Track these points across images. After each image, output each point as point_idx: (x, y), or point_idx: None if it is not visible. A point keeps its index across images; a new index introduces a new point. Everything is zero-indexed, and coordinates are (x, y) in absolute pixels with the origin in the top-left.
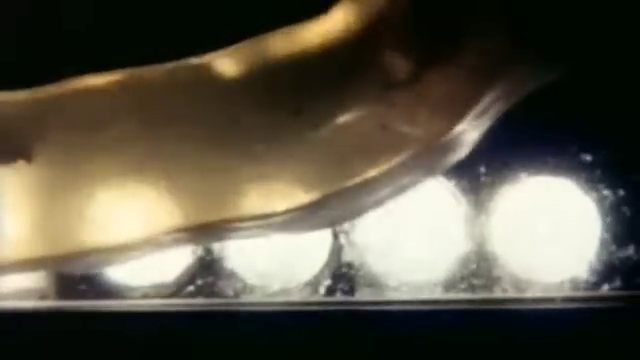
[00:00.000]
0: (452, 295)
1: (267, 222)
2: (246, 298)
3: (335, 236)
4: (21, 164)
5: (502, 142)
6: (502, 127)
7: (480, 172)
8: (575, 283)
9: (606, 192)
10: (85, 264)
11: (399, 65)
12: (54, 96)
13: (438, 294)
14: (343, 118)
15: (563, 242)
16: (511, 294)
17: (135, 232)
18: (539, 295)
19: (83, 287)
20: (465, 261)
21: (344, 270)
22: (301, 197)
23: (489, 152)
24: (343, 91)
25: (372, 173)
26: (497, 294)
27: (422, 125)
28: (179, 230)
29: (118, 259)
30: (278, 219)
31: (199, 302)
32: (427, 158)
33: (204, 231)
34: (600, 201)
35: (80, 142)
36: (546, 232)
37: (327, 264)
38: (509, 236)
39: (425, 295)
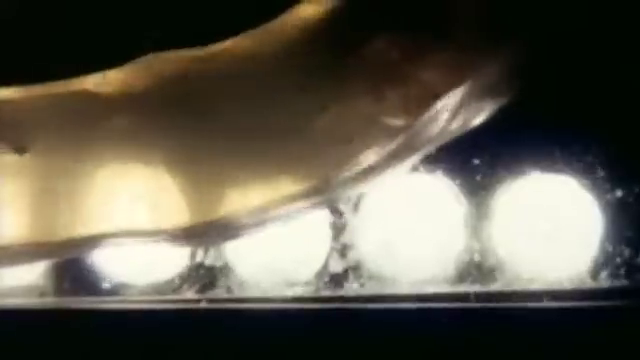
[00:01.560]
0: (447, 288)
1: (265, 216)
2: (245, 296)
3: (335, 235)
4: (16, 156)
5: (503, 140)
6: (503, 125)
7: (481, 170)
8: (576, 281)
9: (608, 190)
10: (79, 253)
11: (386, 54)
12: (50, 93)
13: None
14: (335, 109)
15: (564, 240)
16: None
17: (130, 225)
18: (539, 289)
19: (82, 285)
20: (466, 260)
21: (343, 269)
22: (295, 188)
23: (490, 150)
24: (334, 80)
25: (360, 163)
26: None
27: (407, 114)
28: (176, 227)
29: (108, 248)
30: (274, 212)
31: (197, 299)
32: (410, 145)
33: (202, 228)
34: (602, 199)
35: (75, 136)
36: (547, 230)
37: (327, 263)
38: (510, 234)
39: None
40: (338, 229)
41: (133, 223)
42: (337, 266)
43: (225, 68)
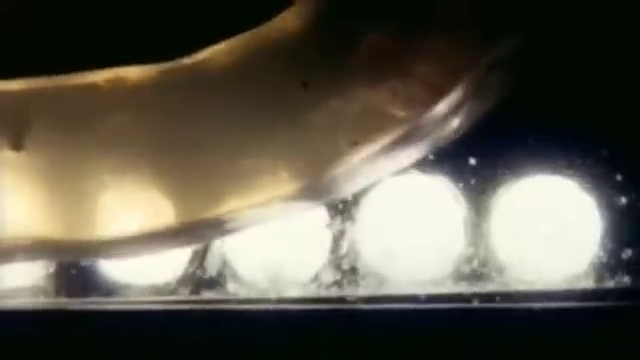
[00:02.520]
0: (447, 289)
1: (263, 213)
2: (244, 297)
3: (334, 236)
4: (16, 152)
5: (503, 142)
6: (503, 126)
7: (481, 171)
8: (576, 282)
9: (608, 192)
10: (80, 253)
11: (382, 51)
12: (49, 88)
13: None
14: (332, 104)
15: (564, 242)
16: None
17: (130, 226)
18: (539, 290)
19: (83, 285)
20: (466, 261)
21: (343, 270)
22: (293, 185)
23: (490, 151)
24: (331, 77)
25: (355, 157)
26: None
27: (408, 107)
28: (175, 226)
29: (110, 252)
30: (271, 209)
31: (197, 300)
32: (408, 139)
33: (201, 226)
34: (602, 201)
35: (75, 134)
36: (547, 232)
37: (327, 264)
38: (510, 236)
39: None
40: (338, 230)
41: (129, 224)
42: (336, 267)
43: (220, 68)
